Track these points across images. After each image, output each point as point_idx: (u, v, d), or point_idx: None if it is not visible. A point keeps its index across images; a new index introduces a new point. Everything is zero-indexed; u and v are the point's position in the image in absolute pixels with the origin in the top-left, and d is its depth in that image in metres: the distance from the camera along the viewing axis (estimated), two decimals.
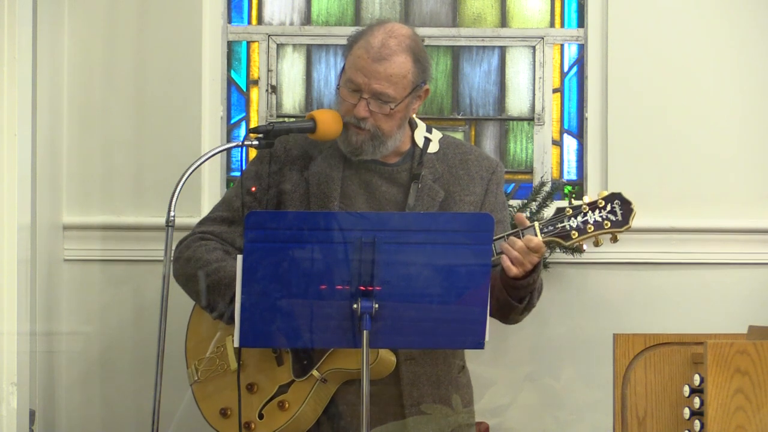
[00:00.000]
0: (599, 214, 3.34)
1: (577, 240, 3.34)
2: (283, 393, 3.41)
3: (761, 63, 4.50)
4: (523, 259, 3.28)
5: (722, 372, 3.31)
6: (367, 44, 3.40)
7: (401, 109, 3.42)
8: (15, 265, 3.89)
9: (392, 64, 3.38)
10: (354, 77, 3.40)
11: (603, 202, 3.35)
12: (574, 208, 3.35)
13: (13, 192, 3.89)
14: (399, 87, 3.39)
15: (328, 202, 3.45)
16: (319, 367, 3.37)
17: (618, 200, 3.35)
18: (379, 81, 3.38)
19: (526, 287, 3.36)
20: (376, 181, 3.49)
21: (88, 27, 4.51)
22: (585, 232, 3.34)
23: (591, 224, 3.34)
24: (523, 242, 3.28)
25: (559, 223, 3.34)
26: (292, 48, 4.69)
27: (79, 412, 4.48)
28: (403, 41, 3.41)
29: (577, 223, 3.34)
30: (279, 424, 3.39)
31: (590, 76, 4.59)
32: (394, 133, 3.44)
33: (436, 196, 3.47)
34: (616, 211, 3.34)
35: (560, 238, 3.34)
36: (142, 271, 4.46)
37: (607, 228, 3.34)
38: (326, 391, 3.39)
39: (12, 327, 3.87)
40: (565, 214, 3.35)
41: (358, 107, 3.40)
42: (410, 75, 3.41)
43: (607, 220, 3.34)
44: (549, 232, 3.34)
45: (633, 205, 3.35)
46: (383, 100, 3.39)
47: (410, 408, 3.43)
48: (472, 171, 3.53)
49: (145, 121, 4.50)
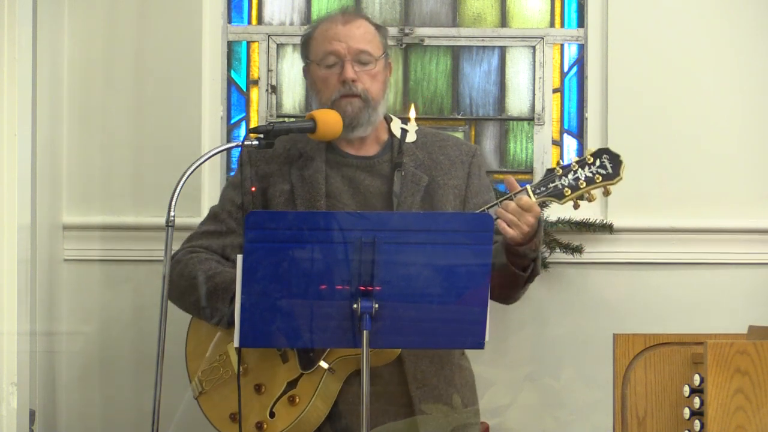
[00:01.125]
0: (589, 170, 3.37)
1: (571, 197, 3.37)
2: (292, 388, 3.41)
3: (761, 63, 4.50)
4: (518, 220, 3.31)
5: (722, 372, 3.31)
6: (329, 23, 3.54)
7: (380, 70, 3.52)
8: (15, 265, 3.89)
9: (360, 24, 3.52)
10: (331, 47, 3.49)
11: (592, 158, 3.38)
12: (563, 168, 3.38)
13: (13, 192, 3.89)
14: (374, 44, 3.52)
15: (315, 201, 3.47)
16: (326, 358, 3.38)
17: (606, 154, 3.38)
18: (356, 41, 3.49)
19: (528, 254, 3.38)
20: (359, 176, 3.52)
21: (88, 27, 4.51)
22: (578, 188, 3.37)
23: (582, 180, 3.37)
24: (515, 202, 3.30)
25: (550, 183, 3.38)
26: (292, 48, 4.69)
27: (79, 412, 4.48)
28: (357, 12, 3.63)
29: (568, 180, 3.37)
30: (291, 419, 3.39)
31: (590, 76, 4.59)
32: (380, 98, 3.52)
33: (420, 182, 3.50)
34: (605, 164, 3.37)
35: (553, 197, 3.37)
36: (142, 271, 4.46)
37: (599, 182, 3.37)
38: (335, 382, 3.39)
39: (12, 327, 3.87)
40: (555, 174, 3.38)
41: (346, 69, 3.48)
42: (378, 37, 3.54)
43: (598, 174, 3.37)
44: (541, 192, 3.36)
45: (621, 157, 3.38)
46: (364, 60, 3.50)
47: (416, 390, 3.43)
48: (452, 156, 3.57)
49: (145, 121, 4.50)
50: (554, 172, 3.38)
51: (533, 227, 3.33)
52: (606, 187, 3.37)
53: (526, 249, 3.36)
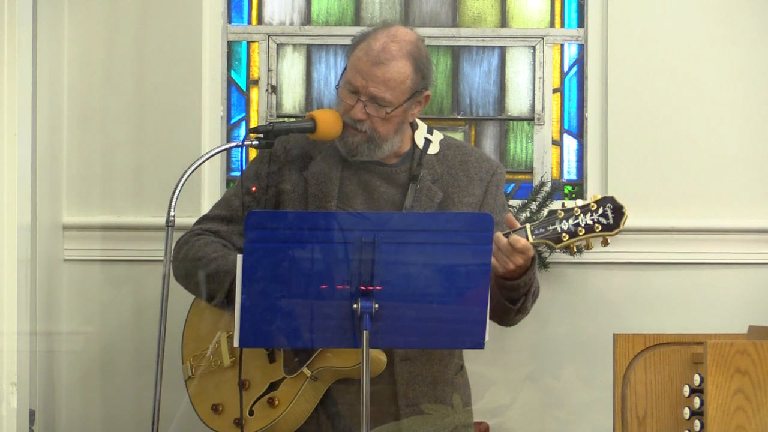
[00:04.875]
0: (590, 217, 3.34)
1: (568, 243, 3.34)
2: (273, 390, 3.41)
3: (761, 63, 4.50)
4: (506, 258, 3.28)
5: (722, 372, 3.31)
6: (368, 47, 3.40)
7: (398, 114, 3.42)
8: (15, 265, 3.89)
9: (390, 69, 3.39)
10: (352, 79, 3.40)
11: (595, 205, 3.35)
12: (565, 211, 3.35)
13: (13, 192, 3.89)
14: (396, 92, 3.39)
15: (326, 202, 3.45)
16: (310, 365, 3.38)
17: (610, 204, 3.35)
18: (376, 85, 3.38)
19: (517, 289, 3.35)
20: (374, 182, 3.50)
21: (88, 27, 4.51)
22: (576, 235, 3.34)
23: (582, 227, 3.34)
24: (510, 242, 3.27)
25: (550, 225, 3.34)
26: (292, 48, 4.69)
27: (79, 412, 4.48)
28: (405, 47, 3.40)
29: (568, 225, 3.34)
30: (268, 420, 3.39)
31: (590, 76, 4.59)
32: (390, 136, 3.45)
33: (434, 197, 3.47)
34: (607, 214, 3.34)
35: (551, 240, 3.35)
36: (142, 271, 4.47)
37: (597, 231, 3.34)
38: (317, 390, 3.40)
39: (12, 327, 3.87)
40: (557, 217, 3.35)
41: (355, 109, 3.40)
42: (409, 81, 3.41)
43: (598, 224, 3.34)
44: (540, 234, 3.34)
45: (624, 209, 3.35)
46: (380, 104, 3.39)
47: (405, 408, 3.43)
48: (471, 172, 3.52)
49: (145, 121, 4.50)
50: (555, 214, 3.35)
51: (522, 267, 3.30)
52: (605, 237, 3.36)
53: (513, 284, 3.34)
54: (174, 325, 3.41)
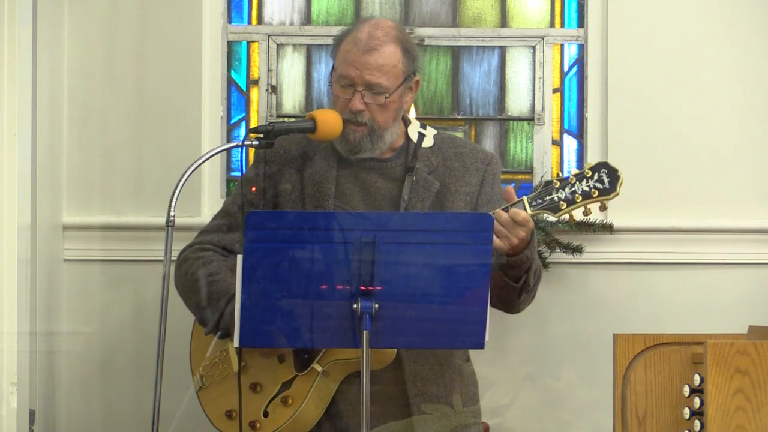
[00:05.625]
0: (587, 184, 3.36)
1: (566, 210, 3.36)
2: (286, 389, 3.42)
3: (761, 63, 4.50)
4: (508, 232, 3.29)
5: (722, 372, 3.31)
6: (355, 38, 3.44)
7: (395, 100, 3.45)
8: (15, 265, 3.89)
9: (382, 54, 3.42)
10: (346, 71, 3.42)
11: (590, 172, 3.37)
12: (561, 180, 3.37)
13: (13, 192, 3.90)
14: (391, 76, 3.43)
15: (323, 201, 3.46)
16: (320, 360, 3.38)
17: (605, 169, 3.37)
18: (370, 71, 3.41)
19: (519, 265, 3.36)
20: (371, 178, 3.51)
21: (88, 27, 4.51)
22: (574, 202, 3.36)
23: (579, 194, 3.36)
24: (510, 215, 3.29)
25: (547, 195, 3.36)
26: (292, 48, 4.69)
27: (79, 412, 4.48)
28: (390, 32, 3.46)
29: (565, 194, 3.36)
30: (283, 419, 3.39)
31: (590, 76, 4.59)
32: (389, 125, 3.47)
33: (431, 188, 3.48)
34: (603, 179, 3.36)
35: (549, 210, 3.36)
36: (142, 271, 4.46)
37: (595, 197, 3.35)
38: (329, 385, 3.40)
39: (12, 327, 3.87)
40: (553, 187, 3.37)
41: (354, 101, 3.42)
42: (400, 64, 3.45)
43: (595, 189, 3.36)
44: (538, 205, 3.36)
45: (620, 172, 3.37)
46: (377, 91, 3.42)
47: (415, 398, 3.43)
48: (467, 163, 3.54)
49: (145, 121, 4.50)
50: (552, 185, 3.37)
51: (524, 241, 3.32)
52: (602, 202, 3.37)
53: (515, 260, 3.35)
54: (174, 326, 3.40)
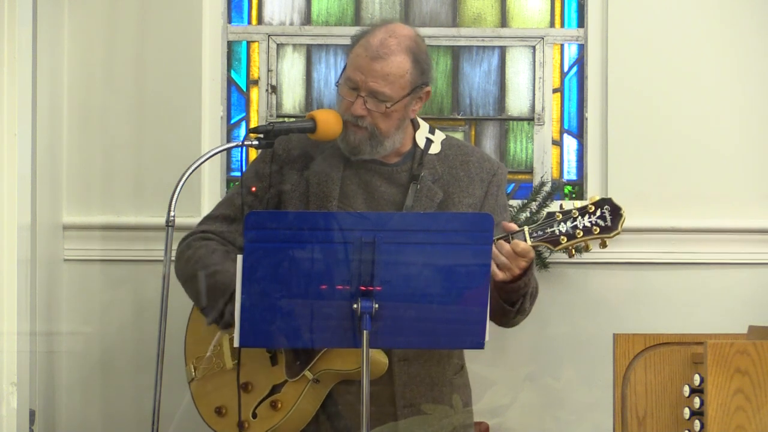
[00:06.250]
0: (588, 220, 3.35)
1: (566, 245, 3.35)
2: (276, 393, 3.41)
3: (761, 63, 4.50)
4: (510, 264, 3.29)
5: (722, 372, 3.31)
6: (367, 43, 3.41)
7: (398, 109, 3.43)
8: (15, 265, 3.89)
9: (389, 63, 3.39)
10: (352, 75, 3.41)
11: (593, 207, 3.35)
12: (563, 213, 3.36)
13: (13, 192, 3.90)
14: (396, 86, 3.40)
15: (327, 202, 3.45)
16: (312, 368, 3.38)
17: (608, 206, 3.35)
18: (375, 79, 3.38)
19: (517, 291, 3.36)
20: (375, 181, 3.50)
21: (88, 27, 4.51)
22: (574, 237, 3.34)
23: (580, 229, 3.35)
24: (511, 247, 3.28)
25: (548, 227, 3.35)
26: (292, 48, 4.69)
27: (79, 412, 4.48)
28: (403, 41, 3.41)
29: (566, 228, 3.35)
30: (272, 423, 3.40)
31: (590, 76, 4.59)
32: (391, 133, 3.45)
33: (434, 197, 3.47)
34: (605, 216, 3.34)
35: (549, 243, 3.35)
36: (142, 271, 4.46)
37: (596, 234, 3.34)
38: (319, 392, 3.40)
39: (12, 327, 3.87)
40: (555, 219, 3.35)
41: (355, 105, 3.41)
42: (408, 75, 3.41)
43: (596, 226, 3.34)
44: (538, 237, 3.34)
45: (623, 210, 3.35)
46: (379, 98, 3.39)
47: (402, 409, 3.43)
48: (472, 173, 3.52)
49: (145, 121, 4.50)
50: (553, 217, 3.36)
51: (523, 270, 3.32)
52: (603, 239, 3.36)
53: (513, 286, 3.35)
54: (174, 326, 3.41)
